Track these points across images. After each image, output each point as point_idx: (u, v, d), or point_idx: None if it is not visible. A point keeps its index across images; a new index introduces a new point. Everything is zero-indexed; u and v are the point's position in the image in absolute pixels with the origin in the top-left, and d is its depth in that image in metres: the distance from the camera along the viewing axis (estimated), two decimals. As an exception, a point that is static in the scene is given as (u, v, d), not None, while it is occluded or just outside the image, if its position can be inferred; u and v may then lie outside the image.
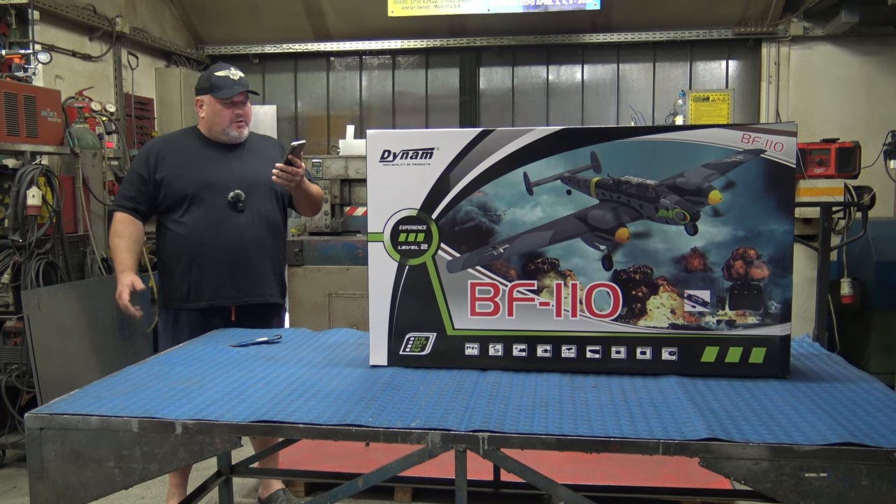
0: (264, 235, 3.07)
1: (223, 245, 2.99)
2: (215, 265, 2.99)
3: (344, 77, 6.98)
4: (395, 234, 2.11)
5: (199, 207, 2.99)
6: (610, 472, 3.47)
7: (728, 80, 6.53)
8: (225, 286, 3.01)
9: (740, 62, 6.53)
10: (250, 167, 3.06)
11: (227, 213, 2.99)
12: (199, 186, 2.98)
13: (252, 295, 3.06)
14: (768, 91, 6.30)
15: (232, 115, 3.02)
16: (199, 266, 3.00)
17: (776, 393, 1.89)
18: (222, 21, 6.71)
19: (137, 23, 5.96)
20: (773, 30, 6.19)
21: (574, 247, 2.06)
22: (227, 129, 3.03)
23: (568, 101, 6.71)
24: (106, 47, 5.58)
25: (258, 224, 3.04)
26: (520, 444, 1.64)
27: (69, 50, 5.16)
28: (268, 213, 3.09)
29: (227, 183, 3.00)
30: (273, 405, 1.82)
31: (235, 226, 3.00)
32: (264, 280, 3.09)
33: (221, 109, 3.00)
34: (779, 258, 1.99)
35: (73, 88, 4.85)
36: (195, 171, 3.00)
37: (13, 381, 4.05)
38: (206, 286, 3.00)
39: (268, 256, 3.09)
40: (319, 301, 4.99)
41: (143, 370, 2.19)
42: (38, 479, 1.76)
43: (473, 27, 6.53)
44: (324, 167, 5.12)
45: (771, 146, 1.96)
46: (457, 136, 2.08)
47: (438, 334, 2.13)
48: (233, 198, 2.99)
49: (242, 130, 3.07)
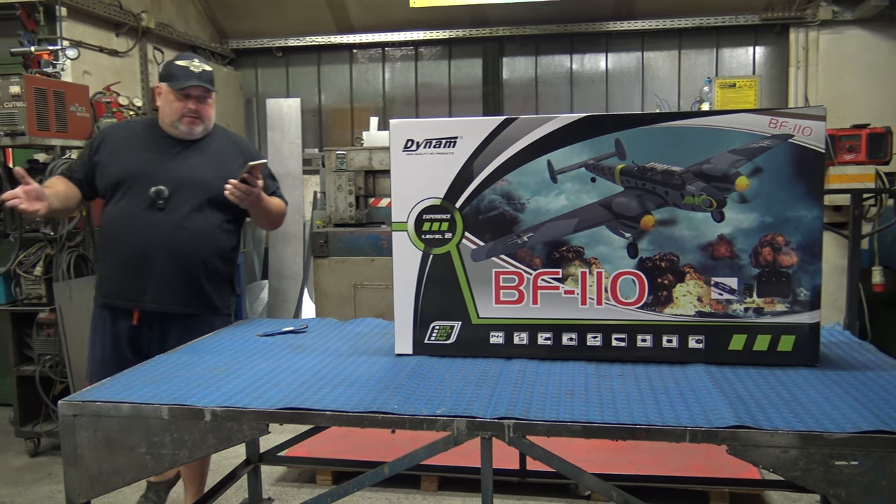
0: (180, 239, 2.71)
1: (130, 241, 2.72)
2: (120, 261, 2.75)
3: (367, 69, 6.99)
4: (420, 223, 2.12)
5: (122, 198, 2.75)
6: (637, 461, 3.46)
7: (755, 66, 6.43)
8: (125, 286, 2.75)
9: (767, 48, 6.42)
10: (193, 166, 2.78)
11: (144, 209, 2.71)
12: (126, 175, 2.74)
13: (151, 301, 2.73)
14: (796, 77, 6.20)
15: (183, 107, 2.73)
16: (109, 260, 2.83)
17: (805, 381, 1.87)
18: (246, 15, 6.74)
19: (162, 18, 6.01)
20: (800, 14, 6.08)
21: (599, 235, 2.05)
22: (175, 122, 2.76)
23: (592, 90, 6.66)
24: (132, 43, 5.63)
25: (176, 226, 2.71)
26: (545, 431, 1.64)
27: (96, 46, 5.21)
28: (193, 217, 2.73)
29: (156, 177, 2.72)
30: (300, 393, 1.83)
31: (148, 223, 2.70)
32: (168, 287, 2.72)
33: (173, 100, 2.74)
34: (808, 245, 1.96)
35: (100, 83, 4.91)
36: (127, 160, 2.76)
37: (46, 371, 4.13)
38: (111, 282, 2.79)
39: (179, 263, 2.72)
40: (345, 292, 5.01)
41: (173, 359, 2.22)
42: (72, 464, 1.80)
43: (495, 17, 6.50)
44: (348, 159, 5.14)
45: (799, 131, 1.93)
46: (480, 124, 2.07)
47: (463, 323, 2.13)
48: (154, 193, 2.69)
49: (194, 127, 2.77)
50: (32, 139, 3.97)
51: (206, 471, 3.03)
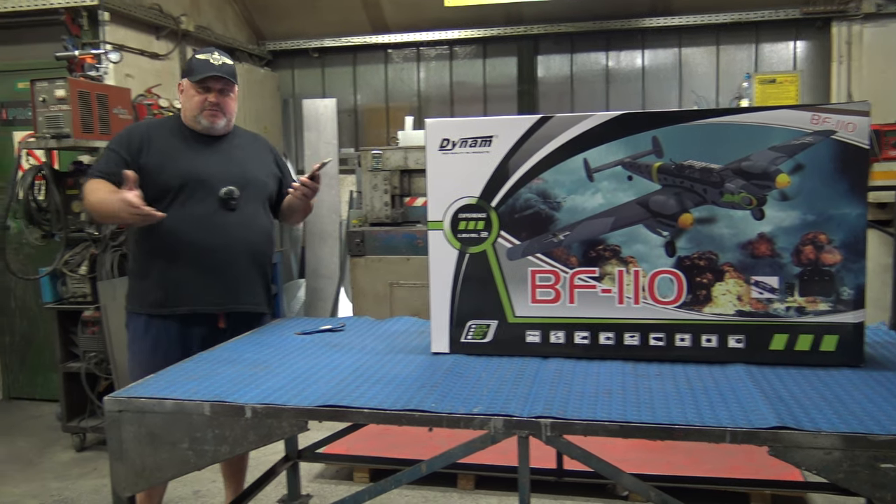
0: (254, 239, 2.73)
1: (210, 245, 2.63)
2: (199, 267, 2.63)
3: (402, 69, 7.02)
4: (455, 222, 2.12)
5: (186, 201, 2.62)
6: (675, 462, 3.42)
7: (796, 61, 6.31)
8: (209, 291, 2.65)
9: (809, 42, 6.29)
10: (242, 164, 2.75)
11: (215, 211, 2.64)
12: (187, 179, 2.62)
13: (239, 302, 2.71)
14: (839, 72, 6.06)
15: (203, 101, 2.66)
16: (182, 267, 2.63)
17: (849, 381, 1.84)
18: (282, 16, 6.82)
19: (201, 21, 6.11)
20: (843, 8, 5.95)
21: (636, 233, 2.03)
22: (197, 115, 2.67)
23: (628, 87, 6.60)
24: (172, 45, 5.74)
25: (249, 226, 2.71)
26: (583, 430, 1.63)
27: (137, 49, 5.32)
28: (258, 215, 2.76)
29: (220, 178, 2.66)
30: (338, 391, 1.86)
31: (224, 225, 2.65)
32: (252, 286, 2.75)
33: (193, 94, 2.67)
34: (851, 243, 1.93)
35: (142, 86, 5.01)
36: (182, 163, 2.65)
37: (92, 368, 4.23)
38: (188, 290, 2.64)
39: (257, 262, 2.75)
40: (381, 290, 5.04)
41: (214, 356, 2.26)
42: (118, 459, 1.84)
43: (530, 15, 6.48)
44: (383, 158, 5.17)
45: (842, 127, 1.90)
46: (516, 123, 2.07)
47: (499, 322, 2.13)
48: (225, 194, 2.63)
49: (216, 121, 2.69)
50: (77, 141, 4.07)
51: (244, 467, 3.06)
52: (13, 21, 5.02)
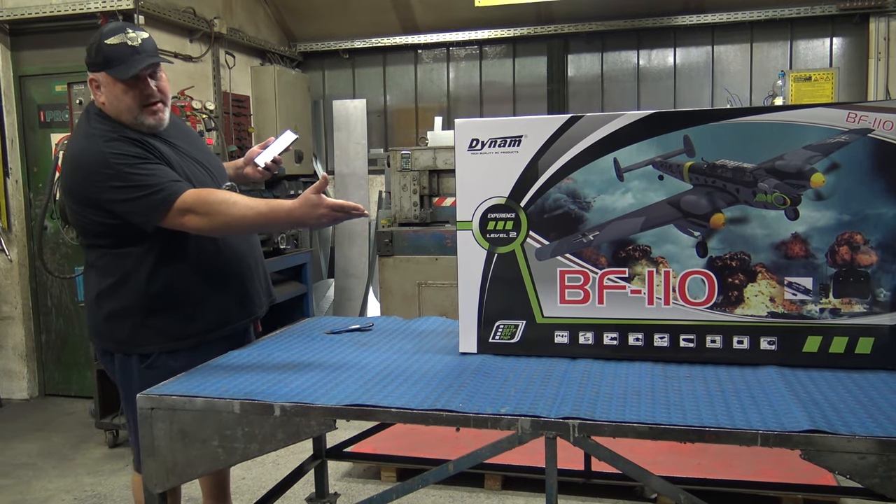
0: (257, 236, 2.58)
1: (241, 249, 2.41)
2: (242, 275, 2.41)
3: (431, 69, 7.03)
4: (484, 222, 2.12)
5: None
6: (705, 465, 3.38)
7: (832, 58, 6.20)
8: (257, 295, 2.48)
9: (845, 39, 6.18)
10: (205, 151, 2.48)
11: None
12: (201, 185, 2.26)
13: (271, 298, 2.60)
14: (876, 69, 5.94)
15: (140, 96, 2.18)
16: (229, 280, 2.36)
17: (885, 385, 1.80)
18: (313, 18, 6.87)
19: (234, 23, 6.18)
20: (881, 3, 5.83)
21: (666, 233, 2.01)
22: (138, 116, 2.20)
23: (659, 86, 6.53)
24: (205, 48, 5.81)
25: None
26: (611, 431, 1.62)
27: (171, 52, 5.40)
28: None
29: (210, 177, 2.37)
30: (366, 390, 1.86)
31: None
32: (266, 287, 2.57)
33: (120, 91, 2.17)
34: (889, 243, 1.89)
35: (175, 88, 5.07)
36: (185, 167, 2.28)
37: (125, 365, 4.29)
38: (246, 301, 2.43)
39: (263, 260, 2.59)
40: (409, 290, 5.06)
41: (244, 355, 2.29)
42: (150, 455, 1.87)
43: (560, 14, 6.45)
44: (412, 159, 5.18)
45: (879, 125, 1.86)
46: (545, 122, 2.06)
47: (528, 322, 2.13)
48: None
49: (162, 115, 2.25)
50: (112, 143, 4.12)
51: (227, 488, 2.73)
52: (51, 25, 5.13)
